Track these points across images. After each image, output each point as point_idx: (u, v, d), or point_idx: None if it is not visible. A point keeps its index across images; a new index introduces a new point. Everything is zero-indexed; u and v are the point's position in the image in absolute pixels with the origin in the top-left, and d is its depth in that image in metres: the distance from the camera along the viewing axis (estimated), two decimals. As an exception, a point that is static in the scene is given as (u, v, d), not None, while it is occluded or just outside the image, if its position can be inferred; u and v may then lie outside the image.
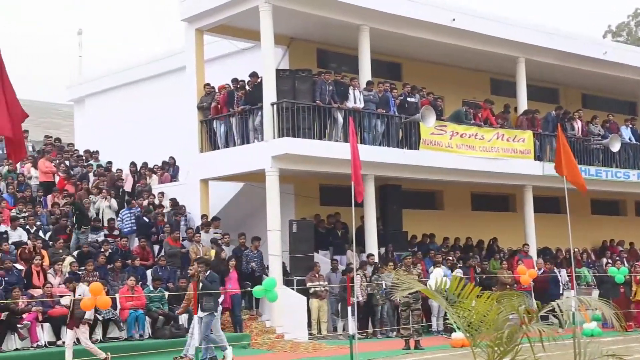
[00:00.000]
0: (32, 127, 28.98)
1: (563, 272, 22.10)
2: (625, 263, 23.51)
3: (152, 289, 16.53)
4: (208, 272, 14.04)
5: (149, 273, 17.45)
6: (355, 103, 19.14)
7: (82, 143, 26.51)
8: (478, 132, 21.17)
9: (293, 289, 17.54)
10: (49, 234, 18.03)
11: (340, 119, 18.78)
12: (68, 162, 22.15)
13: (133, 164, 22.70)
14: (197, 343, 13.12)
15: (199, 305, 13.48)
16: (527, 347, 6.54)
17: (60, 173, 20.82)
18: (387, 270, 17.90)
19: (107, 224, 19.06)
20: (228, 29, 20.48)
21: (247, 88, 19.18)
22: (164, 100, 24.09)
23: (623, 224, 28.76)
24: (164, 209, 19.93)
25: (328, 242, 20.09)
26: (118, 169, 22.15)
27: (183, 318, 16.08)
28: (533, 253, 22.36)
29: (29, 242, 16.70)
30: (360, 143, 17.77)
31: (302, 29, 20.76)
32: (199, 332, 13.31)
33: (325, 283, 17.78)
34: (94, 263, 16.36)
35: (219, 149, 19.39)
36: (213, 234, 18.72)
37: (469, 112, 21.83)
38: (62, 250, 17.01)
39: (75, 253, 17.24)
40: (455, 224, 23.58)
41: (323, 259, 18.98)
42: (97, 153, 23.62)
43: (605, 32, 54.83)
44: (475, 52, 22.58)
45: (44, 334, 14.70)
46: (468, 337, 6.72)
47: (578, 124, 24.16)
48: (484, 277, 19.42)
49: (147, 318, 15.90)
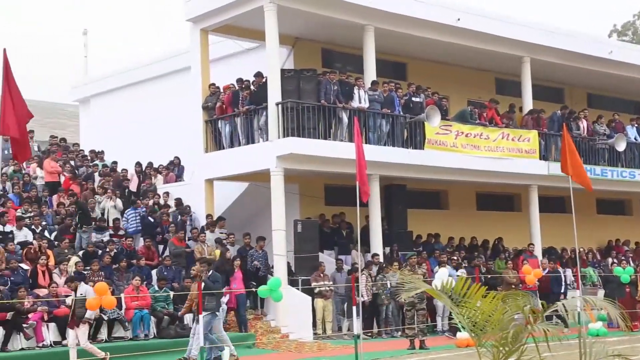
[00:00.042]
0: (37, 127, 28.97)
1: (568, 271, 22.07)
2: (631, 263, 23.49)
3: (157, 289, 16.55)
4: (210, 272, 14.01)
5: (154, 273, 17.46)
6: (360, 103, 19.13)
7: (87, 143, 26.54)
8: (483, 131, 21.15)
9: (298, 289, 17.55)
10: (55, 234, 18.06)
11: (345, 119, 18.78)
12: (73, 162, 22.18)
13: (138, 164, 22.71)
14: (202, 343, 13.09)
15: (203, 306, 13.37)
16: (532, 347, 6.53)
17: (66, 173, 20.85)
18: (392, 270, 17.89)
19: (112, 224, 19.08)
20: (233, 29, 20.49)
21: (252, 88, 19.18)
22: (169, 100, 24.13)
23: (629, 224, 28.71)
24: (170, 209, 19.96)
25: (333, 241, 20.09)
26: (123, 169, 22.18)
27: (188, 318, 16.03)
28: (538, 253, 22.31)
29: (35, 242, 16.74)
30: (365, 143, 17.76)
31: (307, 29, 20.76)
32: (202, 331, 13.25)
33: (330, 283, 17.78)
34: (99, 263, 16.40)
35: (224, 149, 19.41)
36: (219, 234, 18.74)
37: (474, 111, 21.81)
38: (67, 250, 17.02)
39: (81, 253, 17.26)
40: (461, 224, 23.55)
41: (328, 259, 18.98)
42: (102, 153, 23.64)
43: (611, 31, 54.67)
44: (480, 51, 22.56)
45: (50, 334, 14.72)
46: (473, 337, 6.71)
47: (583, 124, 24.12)
48: (489, 276, 19.38)
49: (152, 318, 15.92)
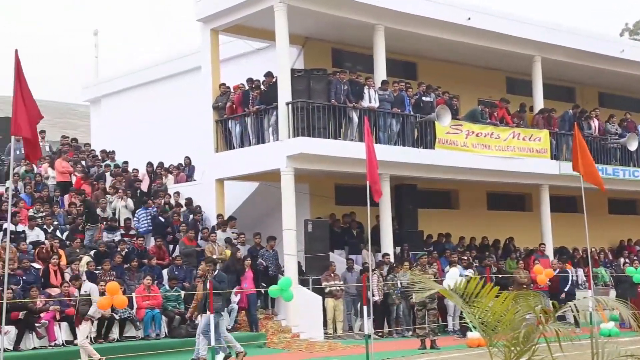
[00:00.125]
0: (48, 127, 29.16)
1: (580, 271, 21.96)
2: (643, 262, 23.31)
3: (168, 289, 16.60)
4: (216, 272, 13.94)
5: (165, 272, 17.52)
6: (371, 102, 19.11)
7: (98, 143, 26.62)
8: (494, 131, 21.09)
9: (308, 289, 17.55)
10: (66, 234, 18.15)
11: (356, 119, 18.76)
12: (84, 162, 22.26)
13: (150, 164, 22.77)
14: (212, 342, 13.10)
15: (207, 306, 13.34)
16: (543, 347, 6.51)
17: (78, 173, 20.93)
18: (402, 270, 17.87)
19: (123, 224, 19.16)
20: (243, 29, 20.51)
21: (262, 88, 19.20)
22: (180, 100, 24.16)
23: (641, 223, 28.56)
24: (182, 209, 20.01)
25: (343, 241, 20.07)
26: (134, 169, 22.24)
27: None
28: (549, 253, 22.24)
29: (47, 241, 16.83)
30: (376, 142, 17.70)
31: (317, 29, 20.75)
32: (213, 331, 13.23)
33: (341, 282, 17.77)
34: (111, 262, 16.47)
35: (234, 149, 19.43)
36: (230, 234, 18.77)
37: (485, 111, 21.75)
38: (79, 250, 17.11)
39: (92, 252, 17.34)
40: (471, 224, 23.49)
41: (338, 259, 18.97)
42: (113, 153, 23.71)
43: (623, 30, 54.44)
44: (491, 50, 22.50)
45: (62, 333, 14.79)
46: (484, 336, 6.69)
47: (595, 123, 24.01)
48: (500, 276, 19.34)
49: (163, 317, 15.97)
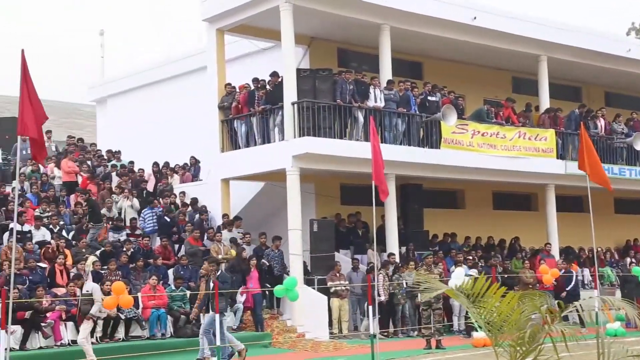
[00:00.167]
0: (54, 127, 29.20)
1: (586, 271, 21.92)
2: (650, 262, 23.29)
3: (173, 288, 16.61)
4: (219, 272, 13.88)
5: (171, 272, 17.53)
6: (376, 102, 19.10)
7: (104, 143, 26.67)
8: (500, 130, 21.06)
9: (314, 288, 17.56)
10: (72, 234, 18.18)
11: (361, 118, 18.76)
12: (90, 162, 22.30)
13: (156, 164, 22.79)
14: (218, 342, 13.11)
15: (211, 306, 13.32)
16: (549, 347, 6.50)
17: (84, 173, 20.97)
18: (408, 270, 17.86)
19: (129, 224, 19.18)
20: (249, 29, 20.52)
21: (267, 88, 19.20)
22: (185, 100, 24.20)
23: (647, 223, 28.47)
24: (188, 209, 20.03)
25: (349, 241, 20.07)
26: (140, 169, 22.27)
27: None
28: (555, 252, 22.20)
29: (53, 241, 16.86)
30: (381, 142, 17.68)
31: (322, 29, 20.75)
32: (219, 332, 13.23)
33: (346, 282, 17.77)
34: (117, 262, 16.49)
35: (240, 149, 19.44)
36: (236, 234, 18.78)
37: (491, 110, 21.72)
38: (85, 250, 17.13)
39: (98, 252, 17.37)
40: (477, 223, 23.46)
41: (344, 258, 18.97)
42: (119, 153, 23.75)
43: (629, 29, 54.24)
44: (497, 50, 22.47)
45: (68, 333, 14.81)
46: (490, 336, 6.68)
47: (601, 122, 23.96)
48: (506, 276, 19.31)
49: (169, 317, 15.98)
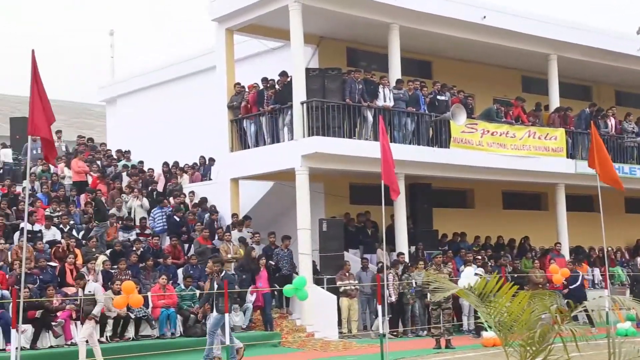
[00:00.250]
0: (64, 127, 29.29)
1: (596, 271, 21.82)
2: (660, 262, 23.18)
3: (183, 288, 16.65)
4: (223, 272, 13.80)
5: (180, 272, 17.57)
6: (385, 101, 19.08)
7: (114, 143, 26.74)
8: (509, 130, 21.00)
9: (323, 288, 17.56)
10: (82, 233, 18.24)
11: (370, 118, 18.75)
12: (100, 162, 22.37)
13: (166, 164, 22.85)
14: (227, 341, 13.11)
15: (215, 306, 13.28)
16: (559, 346, 6.48)
17: (94, 173, 21.04)
18: (417, 269, 17.84)
19: (139, 223, 19.23)
20: (258, 29, 20.54)
21: (276, 87, 19.21)
22: (195, 100, 24.24)
23: (658, 223, 28.34)
24: (197, 208, 20.06)
25: (358, 240, 20.07)
26: (150, 169, 22.33)
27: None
28: (565, 252, 22.13)
29: (63, 240, 16.92)
30: (390, 142, 17.66)
31: (331, 28, 20.74)
32: (227, 331, 13.20)
33: (356, 282, 17.77)
34: (127, 262, 16.54)
35: (249, 148, 19.46)
36: (245, 233, 18.81)
37: (500, 110, 21.66)
38: (95, 249, 17.19)
39: (108, 252, 17.43)
40: (487, 223, 23.40)
41: (353, 258, 18.96)
42: (128, 153, 23.82)
43: (639, 27, 54.03)
44: (506, 49, 22.40)
45: (78, 332, 14.85)
46: (500, 336, 6.67)
47: (611, 122, 23.87)
48: (516, 276, 19.25)
49: (178, 316, 16.02)
